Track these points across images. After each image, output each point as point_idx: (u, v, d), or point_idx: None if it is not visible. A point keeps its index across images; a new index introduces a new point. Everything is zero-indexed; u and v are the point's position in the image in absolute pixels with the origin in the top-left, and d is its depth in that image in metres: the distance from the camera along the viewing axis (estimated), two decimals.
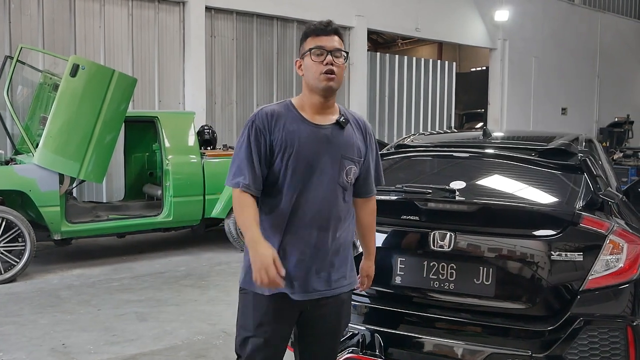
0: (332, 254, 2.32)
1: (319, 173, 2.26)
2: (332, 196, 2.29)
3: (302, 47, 2.30)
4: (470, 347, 2.77)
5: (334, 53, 2.24)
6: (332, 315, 2.40)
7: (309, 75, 2.26)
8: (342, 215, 2.34)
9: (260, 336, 2.28)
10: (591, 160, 3.23)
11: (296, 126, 2.25)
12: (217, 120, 10.16)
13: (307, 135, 2.25)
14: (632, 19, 19.61)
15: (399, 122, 13.25)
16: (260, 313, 2.29)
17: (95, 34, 8.92)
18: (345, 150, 2.31)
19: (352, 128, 2.36)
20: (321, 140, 2.27)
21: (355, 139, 2.35)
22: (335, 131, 2.30)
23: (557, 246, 2.72)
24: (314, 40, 2.25)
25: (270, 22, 10.86)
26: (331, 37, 2.26)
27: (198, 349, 4.20)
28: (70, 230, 6.41)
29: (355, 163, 2.35)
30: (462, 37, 14.29)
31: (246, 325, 2.32)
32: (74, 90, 6.06)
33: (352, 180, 2.36)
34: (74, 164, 6.16)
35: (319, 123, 2.29)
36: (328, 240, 2.30)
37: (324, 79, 2.23)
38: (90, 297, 5.44)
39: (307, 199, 2.25)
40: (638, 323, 2.68)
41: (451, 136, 4.47)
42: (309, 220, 2.26)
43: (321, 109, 2.31)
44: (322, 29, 2.26)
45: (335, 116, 2.33)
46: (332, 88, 2.25)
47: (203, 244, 7.80)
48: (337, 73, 2.25)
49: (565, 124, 16.15)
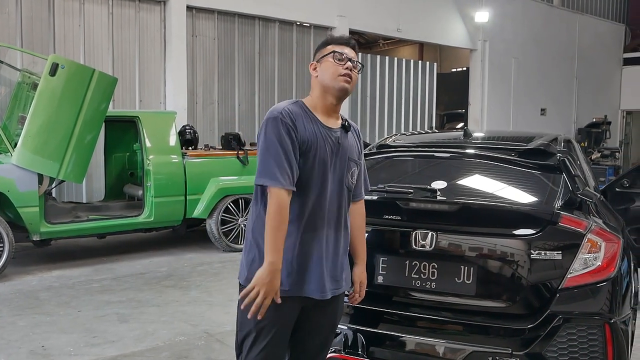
0: (341, 254, 2.43)
1: (332, 174, 2.34)
2: (341, 197, 2.40)
3: (321, 51, 2.41)
4: (452, 345, 2.80)
5: (353, 62, 2.38)
6: (331, 313, 2.45)
7: (327, 76, 2.34)
8: (345, 216, 2.44)
9: (261, 334, 2.29)
10: (570, 160, 3.28)
11: (315, 127, 2.31)
12: (198, 120, 10.10)
13: (323, 137, 2.32)
14: (609, 20, 19.88)
15: (380, 122, 13.29)
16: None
17: (75, 32, 8.82)
18: (351, 153, 2.44)
19: (352, 132, 2.49)
20: (334, 142, 2.36)
21: (355, 142, 2.49)
22: (342, 135, 2.41)
23: (536, 245, 2.75)
24: (336, 47, 2.39)
25: (252, 22, 10.83)
26: (352, 49, 2.42)
27: (180, 350, 4.18)
28: (50, 231, 6.34)
29: (357, 165, 2.49)
30: (443, 38, 14.38)
31: (247, 323, 2.30)
32: (53, 90, 6.00)
33: (354, 182, 2.48)
34: (53, 164, 6.09)
35: (330, 126, 2.38)
36: (340, 240, 2.41)
37: (342, 80, 2.33)
38: (70, 298, 5.39)
39: (323, 199, 2.32)
40: (615, 320, 2.73)
41: (432, 136, 4.50)
42: (324, 221, 2.33)
43: (331, 112, 2.40)
44: (345, 42, 2.42)
45: (339, 120, 2.44)
46: (347, 90, 2.37)
47: (184, 245, 7.76)
48: (353, 80, 2.37)
49: (544, 125, 16.32)
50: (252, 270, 2.27)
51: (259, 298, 2.13)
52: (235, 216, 7.40)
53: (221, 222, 7.29)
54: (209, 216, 7.23)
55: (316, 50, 2.45)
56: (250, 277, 2.25)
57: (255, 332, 2.29)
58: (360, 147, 2.54)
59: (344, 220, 2.42)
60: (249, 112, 10.87)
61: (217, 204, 7.24)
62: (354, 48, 2.43)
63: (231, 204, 7.34)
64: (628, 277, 3.07)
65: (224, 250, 7.30)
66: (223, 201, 7.28)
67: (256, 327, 2.28)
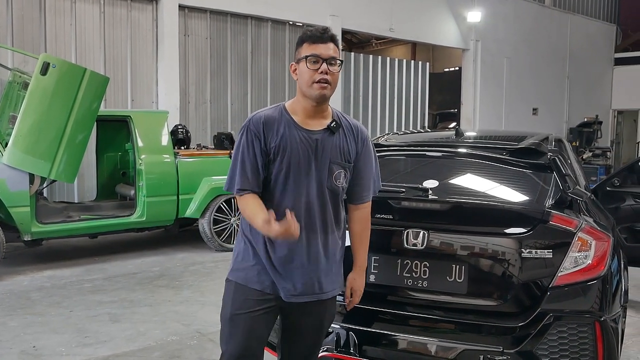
0: (323, 258, 2.36)
1: (309, 178, 2.31)
2: (322, 200, 2.34)
3: (298, 52, 2.32)
4: (443, 344, 2.81)
5: (329, 61, 2.26)
6: (315, 318, 2.44)
7: (303, 82, 2.29)
8: (333, 220, 2.38)
9: (237, 325, 2.31)
10: (560, 160, 3.30)
11: (289, 131, 2.29)
12: (190, 119, 10.08)
13: (298, 141, 2.29)
14: (600, 20, 19.99)
15: (373, 122, 13.31)
16: (238, 303, 2.33)
17: (67, 32, 8.78)
18: (333, 155, 2.35)
19: (343, 133, 2.39)
20: (311, 145, 2.31)
21: (345, 144, 2.38)
22: (325, 136, 2.34)
23: (527, 244, 2.77)
24: (310, 47, 2.27)
25: (244, 21, 10.82)
26: (327, 44, 2.28)
27: (172, 350, 4.17)
28: (41, 231, 6.31)
29: (344, 168, 2.38)
30: (436, 38, 14.41)
31: (224, 315, 2.37)
32: (45, 89, 5.96)
33: (343, 184, 2.40)
34: (44, 164, 6.06)
35: (311, 128, 2.32)
36: (319, 244, 2.34)
37: (318, 87, 2.26)
38: (61, 298, 5.36)
39: (299, 203, 2.30)
40: (606, 318, 2.75)
41: (424, 136, 4.51)
42: (302, 224, 2.28)
43: (314, 114, 2.34)
44: (318, 37, 2.27)
45: (327, 120, 2.36)
46: (325, 96, 2.29)
47: (177, 244, 7.74)
48: (331, 81, 2.28)
49: (536, 124, 16.40)
50: (237, 262, 2.38)
51: (288, 232, 2.09)
52: (228, 216, 7.39)
53: (214, 221, 7.28)
54: (202, 216, 7.22)
55: (295, 47, 2.36)
56: (234, 270, 2.38)
57: (231, 320, 2.32)
58: (358, 149, 2.43)
59: (329, 224, 2.37)
60: (241, 111, 10.85)
61: (210, 204, 7.22)
62: (331, 40, 2.29)
63: (224, 203, 7.33)
64: (618, 275, 3.09)
65: (216, 250, 7.29)
66: (215, 201, 7.27)
67: (231, 315, 2.32)
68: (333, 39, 2.30)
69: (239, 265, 2.38)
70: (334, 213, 2.40)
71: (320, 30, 2.29)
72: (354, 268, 2.58)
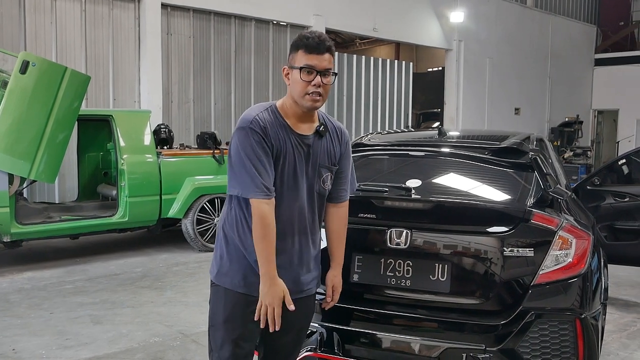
0: (311, 259, 2.42)
1: (301, 181, 2.32)
2: (311, 203, 2.37)
3: (292, 57, 2.28)
4: (427, 342, 2.82)
5: (323, 73, 2.24)
6: (299, 313, 2.43)
7: (295, 91, 2.26)
8: (317, 221, 2.43)
9: (229, 332, 2.31)
10: (541, 159, 3.33)
11: (285, 135, 2.28)
12: (173, 119, 10.02)
13: (294, 145, 2.29)
14: (581, 22, 20.22)
15: (357, 122, 13.33)
16: (229, 309, 2.32)
17: (47, 30, 8.67)
18: (322, 159, 2.37)
19: (330, 136, 2.40)
20: (304, 149, 2.32)
21: (331, 147, 2.40)
22: (315, 140, 2.34)
23: (509, 242, 2.79)
24: (306, 57, 2.23)
25: (227, 20, 10.77)
26: (323, 56, 2.24)
27: (155, 351, 4.14)
28: (21, 232, 6.22)
29: (331, 171, 2.41)
30: (419, 38, 14.47)
31: (215, 320, 2.36)
32: (24, 88, 5.89)
33: (328, 187, 2.42)
34: (24, 164, 5.98)
35: (302, 132, 2.32)
36: (310, 246, 2.39)
37: (310, 99, 2.24)
38: (41, 300, 5.30)
39: (294, 207, 2.31)
40: (586, 316, 2.78)
41: (407, 135, 4.53)
42: (294, 228, 2.32)
43: (304, 118, 2.34)
44: (315, 47, 2.23)
45: (315, 124, 2.36)
46: (316, 108, 2.30)
47: (160, 245, 7.69)
48: (324, 93, 2.26)
49: (518, 124, 16.54)
50: (222, 265, 2.35)
51: (269, 311, 2.23)
52: (211, 216, 7.35)
53: (197, 221, 7.24)
54: (185, 216, 7.18)
55: (290, 50, 2.33)
56: (221, 274, 2.33)
57: (224, 327, 2.32)
58: (342, 150, 2.44)
59: (315, 226, 2.42)
60: (225, 111, 10.81)
61: (193, 204, 7.19)
62: (327, 51, 2.26)
63: (207, 203, 7.29)
64: (598, 273, 3.13)
65: (199, 250, 7.25)
66: (199, 201, 7.23)
67: (224, 322, 2.32)
68: (329, 50, 2.27)
69: (225, 269, 2.36)
70: (319, 215, 2.44)
71: (317, 40, 2.24)
72: (334, 265, 2.58)
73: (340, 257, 2.59)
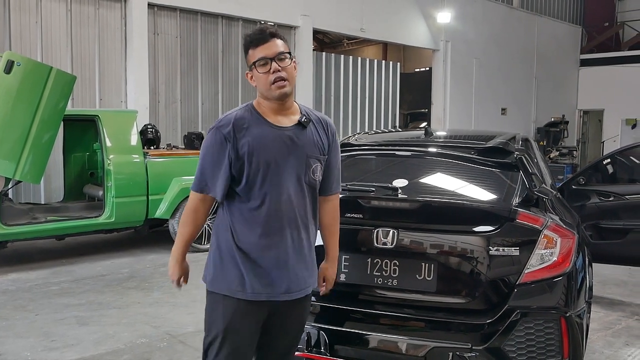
0: (307, 253, 2.37)
1: (286, 174, 2.29)
2: (301, 195, 2.33)
3: (247, 60, 2.32)
4: (414, 341, 2.84)
5: (277, 58, 2.24)
6: (299, 314, 2.44)
7: (262, 87, 2.28)
8: (311, 214, 2.39)
9: (228, 338, 2.28)
10: (527, 159, 3.36)
11: (260, 129, 2.27)
12: (160, 119, 9.96)
13: (271, 138, 2.28)
14: (566, 22, 20.38)
15: (344, 122, 13.34)
16: (229, 316, 2.29)
17: (32, 29, 8.59)
18: (309, 149, 2.34)
19: (314, 127, 2.39)
20: (286, 141, 2.29)
21: (317, 137, 2.38)
22: (298, 131, 2.33)
23: (495, 241, 2.81)
24: (255, 51, 2.26)
25: (215, 20, 10.74)
26: (270, 42, 2.25)
27: (141, 352, 4.12)
28: (6, 233, 6.16)
29: (320, 161, 2.38)
30: (406, 38, 14.52)
31: (214, 327, 2.32)
32: (9, 88, 5.83)
33: (319, 178, 2.39)
34: (9, 164, 5.92)
35: (282, 125, 2.31)
36: (303, 240, 2.35)
37: (276, 87, 2.25)
38: (27, 302, 5.25)
39: (279, 200, 2.28)
40: (571, 314, 2.81)
41: (394, 135, 4.55)
42: (283, 221, 2.29)
43: (281, 111, 2.33)
44: (259, 38, 2.26)
45: (296, 116, 2.35)
46: (286, 94, 2.28)
47: (147, 245, 7.64)
48: (287, 76, 2.26)
49: (505, 124, 16.64)
50: (216, 272, 2.35)
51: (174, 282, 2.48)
52: None
53: None
54: (172, 216, 7.14)
55: (245, 56, 2.34)
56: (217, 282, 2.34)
57: (222, 336, 2.29)
58: (330, 141, 2.43)
59: (309, 219, 2.38)
60: (212, 111, 10.77)
61: (180, 204, 7.15)
62: (273, 37, 2.26)
63: None
64: (583, 271, 3.16)
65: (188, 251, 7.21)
66: (186, 201, 7.17)
67: (224, 331, 2.28)
68: (275, 35, 2.27)
69: (220, 275, 2.32)
70: (312, 207, 2.40)
71: (259, 32, 2.27)
72: (327, 258, 2.57)
73: (333, 251, 2.56)
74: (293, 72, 2.29)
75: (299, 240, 2.34)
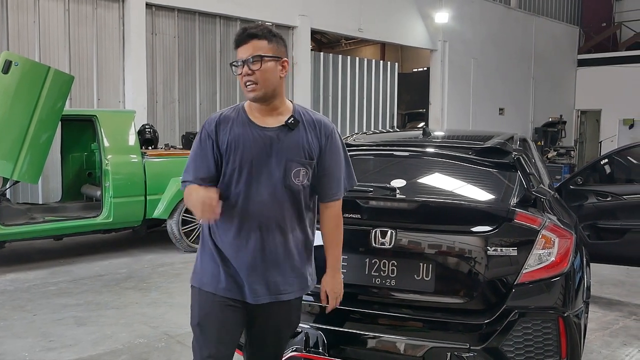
0: (283, 259, 2.30)
1: (264, 176, 2.26)
2: (279, 199, 2.27)
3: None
4: (412, 342, 2.84)
5: (248, 61, 2.21)
6: (277, 320, 2.41)
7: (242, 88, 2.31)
8: (292, 219, 2.31)
9: (205, 333, 2.31)
10: (524, 159, 3.36)
11: (242, 129, 2.27)
12: (158, 119, 9.96)
13: (252, 139, 2.26)
14: (564, 23, 20.40)
15: (342, 122, 13.35)
16: (203, 310, 2.32)
17: (30, 29, 8.59)
18: (291, 152, 2.27)
19: (304, 129, 2.31)
20: (266, 142, 2.26)
21: (304, 140, 2.29)
22: (282, 133, 2.27)
23: (492, 242, 2.81)
24: (237, 52, 2.26)
25: (212, 20, 10.74)
26: (247, 45, 2.22)
27: (139, 353, 4.12)
28: (4, 233, 6.16)
29: (304, 165, 2.29)
30: (404, 38, 14.52)
31: (192, 322, 2.37)
32: (7, 88, 5.83)
33: (304, 182, 2.31)
34: (6, 164, 5.92)
35: (267, 125, 2.28)
36: (277, 244, 2.28)
37: (247, 91, 2.26)
38: (25, 302, 5.24)
39: (254, 201, 2.25)
40: (569, 314, 2.81)
41: (392, 135, 4.55)
42: (254, 223, 2.25)
43: (268, 112, 2.30)
44: (238, 40, 2.25)
45: (285, 117, 2.30)
46: (256, 97, 2.25)
47: (145, 246, 7.64)
48: (258, 80, 2.21)
49: (502, 124, 16.65)
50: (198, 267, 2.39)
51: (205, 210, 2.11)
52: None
53: (182, 222, 7.20)
54: (170, 216, 7.14)
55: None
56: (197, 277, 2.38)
57: (199, 328, 2.33)
58: (322, 145, 2.33)
59: (287, 223, 2.29)
60: (210, 110, 10.76)
61: (178, 204, 7.15)
62: (252, 37, 2.21)
63: None
64: (581, 272, 3.17)
65: (185, 251, 7.22)
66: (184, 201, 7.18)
67: (199, 324, 2.33)
68: (254, 36, 2.22)
69: (202, 271, 2.36)
70: (294, 212, 2.32)
71: (240, 32, 2.25)
72: (326, 269, 2.49)
73: (333, 260, 2.47)
74: (268, 75, 2.22)
75: (273, 245, 2.28)
